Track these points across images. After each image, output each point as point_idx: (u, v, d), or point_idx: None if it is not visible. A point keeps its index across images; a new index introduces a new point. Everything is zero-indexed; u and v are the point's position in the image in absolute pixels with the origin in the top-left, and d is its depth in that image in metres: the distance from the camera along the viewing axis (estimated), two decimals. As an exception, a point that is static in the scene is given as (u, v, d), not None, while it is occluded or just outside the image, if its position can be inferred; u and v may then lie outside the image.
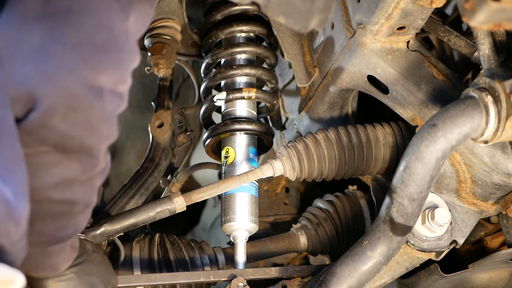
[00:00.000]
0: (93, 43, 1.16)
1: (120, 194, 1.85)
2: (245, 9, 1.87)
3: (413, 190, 1.44)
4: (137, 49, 1.24)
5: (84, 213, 1.34)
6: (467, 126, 1.38)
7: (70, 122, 1.17)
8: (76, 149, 1.20)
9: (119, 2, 1.19)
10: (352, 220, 1.92)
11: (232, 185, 1.66)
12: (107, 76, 1.18)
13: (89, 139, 1.21)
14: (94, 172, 1.27)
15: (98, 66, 1.17)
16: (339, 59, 1.72)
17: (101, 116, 1.20)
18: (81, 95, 1.16)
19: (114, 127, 1.25)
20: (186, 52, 2.12)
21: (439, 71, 1.64)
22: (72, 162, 1.22)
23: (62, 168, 1.22)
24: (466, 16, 1.21)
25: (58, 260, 1.41)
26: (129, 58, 1.22)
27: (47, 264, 1.39)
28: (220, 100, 1.82)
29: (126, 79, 1.24)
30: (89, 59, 1.16)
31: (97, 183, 1.31)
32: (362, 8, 1.58)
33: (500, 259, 1.74)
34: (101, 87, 1.18)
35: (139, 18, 1.23)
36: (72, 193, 1.26)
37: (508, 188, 1.62)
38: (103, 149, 1.26)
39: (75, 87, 1.15)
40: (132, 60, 1.24)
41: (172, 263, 1.74)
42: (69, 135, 1.18)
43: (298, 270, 1.73)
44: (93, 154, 1.24)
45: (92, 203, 1.34)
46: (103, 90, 1.18)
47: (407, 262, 1.69)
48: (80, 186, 1.27)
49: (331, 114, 1.89)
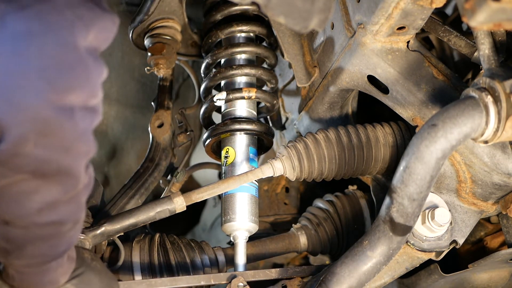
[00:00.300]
0: (58, 63, 1.13)
1: (120, 194, 1.85)
2: (245, 9, 1.87)
3: (413, 190, 1.44)
4: (102, 62, 1.21)
5: (74, 229, 1.32)
6: (467, 126, 1.38)
7: (43, 147, 1.14)
8: (54, 172, 1.19)
9: (82, 20, 1.16)
10: (352, 220, 1.92)
11: (232, 185, 1.66)
12: (76, 94, 1.16)
13: (65, 160, 1.19)
14: (76, 191, 1.25)
15: (65, 86, 1.14)
16: (339, 59, 1.72)
17: (75, 135, 1.18)
18: (51, 119, 1.13)
19: (91, 142, 1.23)
20: (186, 52, 2.12)
21: (439, 71, 1.64)
22: (52, 185, 1.20)
23: (43, 192, 1.20)
24: (466, 16, 1.21)
25: (56, 274, 1.40)
26: (96, 72, 1.19)
27: (45, 281, 1.39)
28: (220, 100, 1.82)
29: (97, 93, 1.21)
30: (55, 80, 1.13)
31: (82, 199, 1.30)
32: (362, 8, 1.58)
33: (500, 259, 1.74)
34: (71, 107, 1.15)
35: (101, 33, 1.20)
36: (58, 214, 1.25)
37: (508, 188, 1.62)
38: (83, 166, 1.24)
39: (44, 111, 1.12)
40: (100, 73, 1.21)
41: (172, 264, 1.74)
42: (44, 159, 1.16)
43: (298, 271, 1.73)
44: (73, 174, 1.22)
45: (81, 219, 1.33)
46: (74, 109, 1.16)
47: (407, 262, 1.69)
48: (64, 206, 1.25)
49: (331, 114, 1.88)
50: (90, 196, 1.76)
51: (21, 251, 1.29)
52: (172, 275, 1.73)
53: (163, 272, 1.73)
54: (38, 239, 1.27)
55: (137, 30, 2.00)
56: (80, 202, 1.29)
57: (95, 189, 1.78)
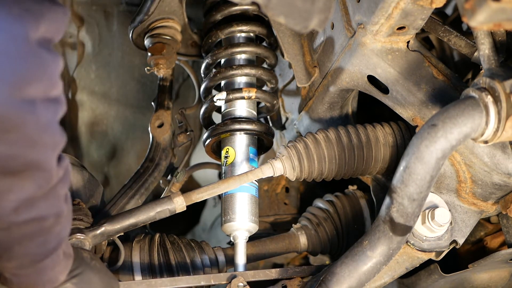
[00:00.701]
0: (11, 57, 1.12)
1: (120, 194, 1.85)
2: (245, 9, 1.87)
3: (413, 190, 1.44)
4: (57, 53, 1.20)
5: (60, 223, 1.31)
6: (467, 126, 1.38)
7: (7, 143, 1.13)
8: (22, 168, 1.17)
9: (31, 12, 1.15)
10: (352, 220, 1.92)
11: (232, 185, 1.66)
12: (35, 87, 1.14)
13: (32, 154, 1.17)
14: (50, 184, 1.24)
15: (22, 79, 1.12)
16: (339, 59, 1.72)
17: (39, 128, 1.16)
18: (11, 113, 1.11)
19: (58, 134, 1.21)
20: (186, 52, 2.12)
21: (439, 71, 1.64)
22: (24, 182, 1.19)
23: (16, 190, 1.19)
24: (466, 16, 1.21)
25: (54, 273, 1.39)
26: (52, 63, 1.18)
27: (44, 279, 1.38)
28: (220, 100, 1.82)
29: (57, 84, 1.19)
30: (10, 75, 1.11)
31: (59, 192, 1.28)
32: (362, 8, 1.58)
33: (500, 259, 1.74)
34: (31, 100, 1.14)
35: (52, 25, 1.19)
36: (37, 210, 1.24)
37: (508, 188, 1.62)
38: (53, 159, 1.22)
39: (3, 107, 1.10)
40: (56, 64, 1.19)
41: (172, 264, 1.74)
42: (10, 156, 1.14)
43: (298, 271, 1.73)
44: (43, 167, 1.21)
45: (63, 213, 1.31)
46: (35, 101, 1.14)
47: (407, 262, 1.69)
48: (42, 201, 1.24)
49: (331, 114, 1.89)
50: (90, 196, 1.76)
51: (9, 253, 1.28)
52: (172, 275, 1.73)
53: (163, 272, 1.73)
54: (23, 238, 1.26)
55: (137, 30, 2.00)
56: (58, 196, 1.28)
57: (95, 189, 1.79)
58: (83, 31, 2.51)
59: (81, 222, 1.62)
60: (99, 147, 2.70)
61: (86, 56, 2.55)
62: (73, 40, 2.52)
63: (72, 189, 1.71)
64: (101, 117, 2.65)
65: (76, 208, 1.65)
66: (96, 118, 2.65)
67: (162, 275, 1.72)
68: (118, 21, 2.50)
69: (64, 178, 1.28)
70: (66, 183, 1.30)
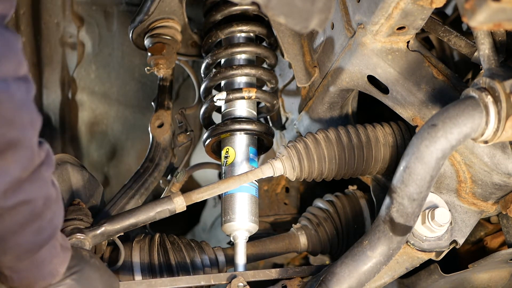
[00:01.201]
0: None
1: (120, 194, 1.85)
2: (245, 9, 1.87)
3: (413, 190, 1.44)
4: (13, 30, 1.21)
5: (50, 208, 1.31)
6: (467, 126, 1.38)
7: None
8: (4, 147, 1.18)
9: None
10: (352, 220, 1.92)
11: (232, 185, 1.66)
12: (5, 65, 1.16)
13: (11, 133, 1.18)
14: (35, 164, 1.24)
15: None
16: (339, 59, 1.72)
17: (14, 106, 1.17)
18: None
19: (34, 112, 1.22)
20: (186, 52, 2.12)
21: (439, 71, 1.64)
22: (7, 162, 1.19)
23: (1, 173, 1.19)
24: (466, 16, 1.21)
25: (53, 265, 1.39)
26: (13, 40, 1.19)
27: (44, 272, 1.38)
28: (220, 100, 1.82)
29: (22, 61, 1.21)
30: None
31: (45, 173, 1.28)
32: (362, 8, 1.58)
33: (500, 259, 1.74)
34: (4, 78, 1.15)
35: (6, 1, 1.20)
36: (24, 193, 1.24)
37: (508, 188, 1.62)
38: (33, 138, 1.23)
39: None
40: (17, 40, 1.20)
41: (172, 264, 1.74)
42: None
43: (298, 271, 1.73)
44: (24, 145, 1.21)
45: (52, 195, 1.32)
46: (7, 79, 1.16)
47: (407, 262, 1.69)
48: (28, 183, 1.24)
49: (331, 114, 1.89)
50: (90, 196, 1.76)
51: (4, 244, 1.28)
52: (172, 275, 1.72)
53: (163, 272, 1.73)
54: (16, 225, 1.26)
55: (137, 30, 2.00)
56: (43, 178, 1.28)
57: (95, 189, 1.79)
58: (83, 31, 2.51)
59: (81, 222, 1.62)
60: (99, 147, 2.70)
61: (86, 56, 2.55)
62: (73, 40, 2.52)
63: (72, 189, 1.71)
64: (101, 117, 2.65)
65: (76, 208, 1.65)
66: (96, 118, 2.65)
67: (162, 275, 1.72)
68: (118, 21, 2.50)
69: (47, 161, 1.28)
70: (50, 166, 1.30)
